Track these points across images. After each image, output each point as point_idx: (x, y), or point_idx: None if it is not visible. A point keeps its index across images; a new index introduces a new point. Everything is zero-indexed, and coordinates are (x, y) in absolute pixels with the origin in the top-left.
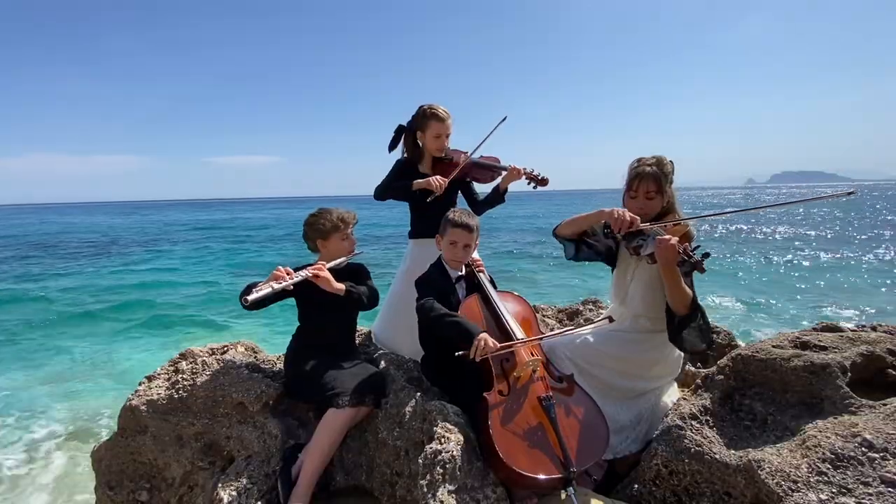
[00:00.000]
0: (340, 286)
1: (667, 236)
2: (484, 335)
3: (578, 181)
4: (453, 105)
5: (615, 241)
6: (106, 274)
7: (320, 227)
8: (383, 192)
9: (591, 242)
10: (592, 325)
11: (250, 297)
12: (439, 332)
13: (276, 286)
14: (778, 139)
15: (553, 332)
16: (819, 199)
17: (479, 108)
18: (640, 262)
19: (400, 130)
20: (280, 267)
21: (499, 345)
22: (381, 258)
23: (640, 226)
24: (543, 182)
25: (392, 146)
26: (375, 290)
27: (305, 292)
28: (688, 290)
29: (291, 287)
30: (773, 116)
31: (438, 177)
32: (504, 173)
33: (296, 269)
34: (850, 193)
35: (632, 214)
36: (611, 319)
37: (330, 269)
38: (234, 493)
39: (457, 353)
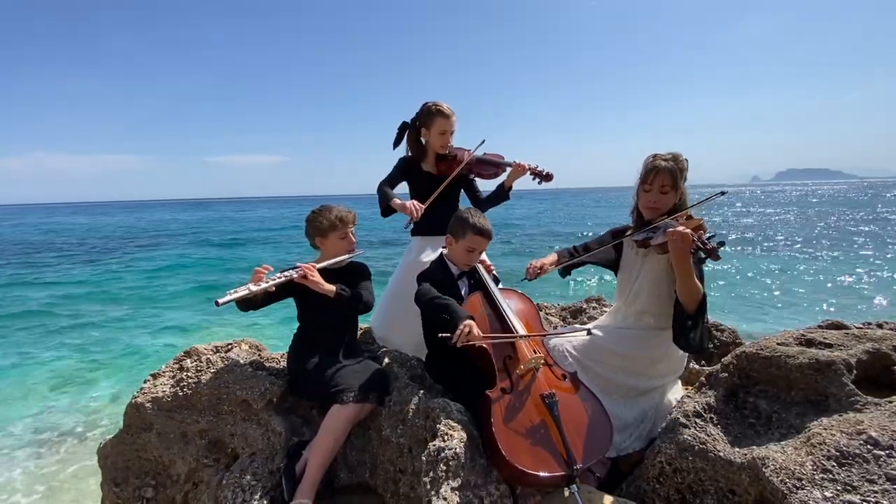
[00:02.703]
0: (330, 288)
1: (680, 226)
2: (470, 322)
3: (578, 180)
4: (453, 105)
5: (618, 247)
6: (106, 272)
7: (318, 225)
8: (378, 190)
9: (585, 261)
10: (572, 332)
11: (221, 300)
12: (430, 314)
13: (254, 288)
14: (782, 137)
15: (536, 334)
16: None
17: (479, 108)
18: (648, 259)
19: (404, 127)
20: (258, 268)
21: (482, 334)
22: (382, 256)
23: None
24: (548, 178)
25: (396, 143)
26: (371, 293)
27: (302, 292)
28: (699, 284)
29: (273, 289)
30: (777, 114)
31: (416, 202)
32: (508, 170)
33: (286, 270)
34: (722, 193)
35: (542, 261)
36: (589, 332)
37: (330, 268)
38: (238, 489)
39: (440, 335)
